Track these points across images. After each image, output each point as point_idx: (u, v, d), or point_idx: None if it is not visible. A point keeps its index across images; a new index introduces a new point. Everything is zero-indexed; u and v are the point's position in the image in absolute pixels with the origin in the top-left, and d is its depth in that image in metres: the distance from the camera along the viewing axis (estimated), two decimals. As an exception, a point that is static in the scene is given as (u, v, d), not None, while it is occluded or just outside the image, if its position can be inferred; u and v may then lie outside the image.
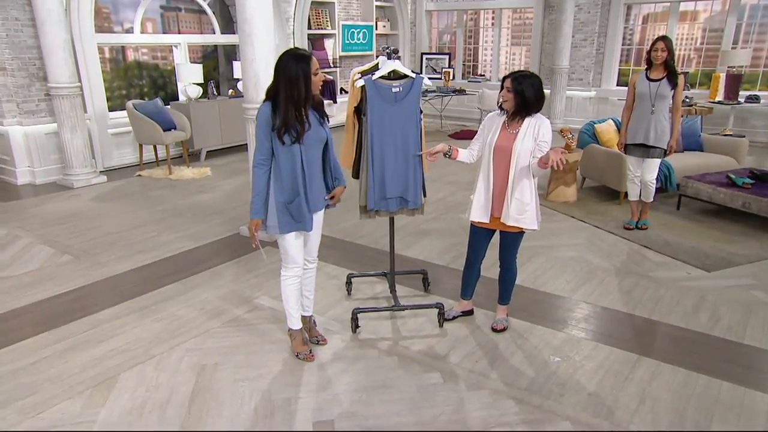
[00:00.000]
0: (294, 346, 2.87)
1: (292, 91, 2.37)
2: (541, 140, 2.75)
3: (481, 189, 2.90)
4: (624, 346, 2.96)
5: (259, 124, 2.46)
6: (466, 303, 3.30)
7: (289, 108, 2.39)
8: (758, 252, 4.20)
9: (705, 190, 4.96)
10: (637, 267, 4.00)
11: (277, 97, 2.41)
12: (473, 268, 3.16)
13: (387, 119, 2.80)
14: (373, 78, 2.78)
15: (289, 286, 2.76)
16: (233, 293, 3.57)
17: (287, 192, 2.55)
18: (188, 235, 4.62)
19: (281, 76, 2.39)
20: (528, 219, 2.85)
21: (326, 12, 9.79)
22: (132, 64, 8.63)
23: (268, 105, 2.45)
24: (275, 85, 2.42)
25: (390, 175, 2.88)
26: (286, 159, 2.49)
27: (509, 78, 2.73)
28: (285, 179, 2.53)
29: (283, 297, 2.80)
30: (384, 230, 4.62)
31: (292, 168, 2.51)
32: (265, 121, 2.44)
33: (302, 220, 2.59)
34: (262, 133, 2.46)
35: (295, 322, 2.84)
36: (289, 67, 2.38)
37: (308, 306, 2.99)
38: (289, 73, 2.37)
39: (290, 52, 2.43)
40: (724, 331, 3.10)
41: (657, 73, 4.34)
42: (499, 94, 2.80)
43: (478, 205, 2.90)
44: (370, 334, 3.10)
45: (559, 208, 5.35)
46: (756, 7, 8.53)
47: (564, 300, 3.50)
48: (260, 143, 2.47)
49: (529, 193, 2.82)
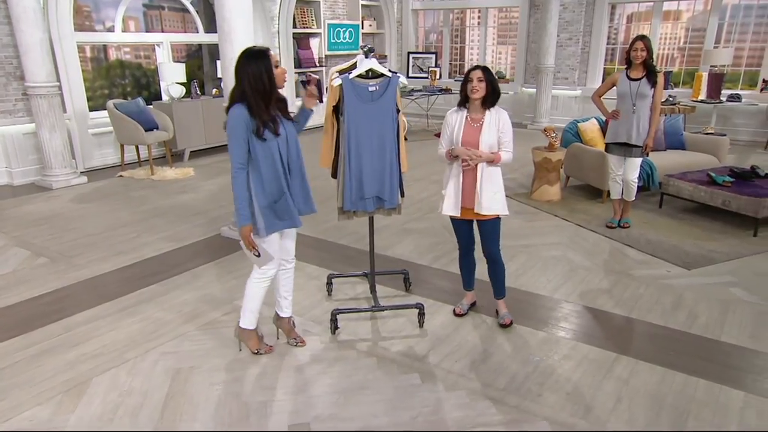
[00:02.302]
0: (251, 345, 2.85)
1: (259, 87, 2.38)
2: (503, 130, 2.91)
3: (452, 184, 2.97)
4: (603, 345, 2.96)
5: (235, 129, 2.42)
6: (471, 294, 3.35)
7: (260, 104, 2.40)
8: (737, 249, 4.23)
9: (686, 188, 5.00)
10: (618, 265, 4.01)
11: (246, 97, 2.39)
12: (468, 257, 3.25)
13: (363, 118, 2.78)
14: (350, 77, 2.75)
15: (261, 288, 2.74)
16: (212, 295, 3.52)
17: (270, 192, 2.54)
18: (169, 236, 4.57)
19: (245, 76, 2.39)
20: (499, 205, 2.97)
21: (311, 11, 9.74)
22: (114, 63, 8.52)
23: (242, 107, 2.42)
24: (241, 87, 2.40)
25: (367, 175, 2.86)
26: (266, 156, 2.47)
27: (478, 69, 2.85)
28: (267, 179, 2.52)
29: (248, 297, 2.77)
30: (367, 230, 4.60)
31: (273, 165, 2.50)
32: (243, 124, 2.41)
33: (290, 217, 2.60)
34: (239, 137, 2.42)
35: (253, 321, 2.83)
36: (251, 66, 2.39)
37: (287, 307, 2.97)
38: (252, 71, 2.37)
39: (247, 52, 2.44)
40: (701, 329, 3.12)
41: (637, 72, 4.36)
42: (468, 87, 2.85)
43: (448, 200, 2.99)
44: (350, 335, 3.08)
45: (542, 207, 5.36)
46: (737, 7, 8.62)
47: (544, 299, 3.50)
48: (238, 148, 2.43)
49: (497, 182, 2.96)
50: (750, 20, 8.56)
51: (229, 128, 2.43)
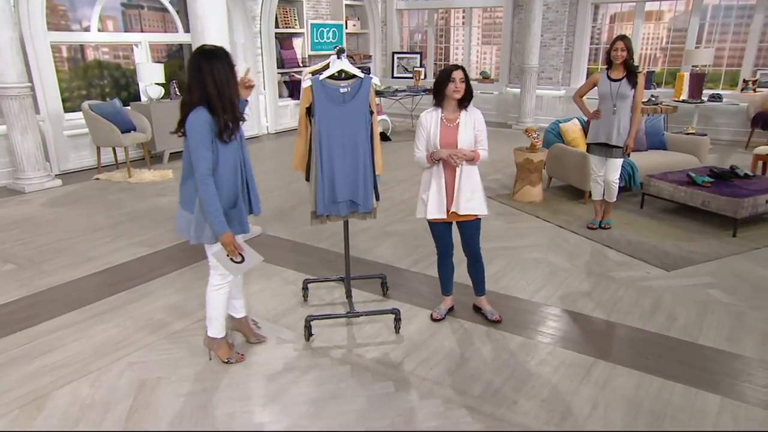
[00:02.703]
0: (222, 354, 2.77)
1: (224, 87, 2.30)
2: (479, 129, 2.94)
3: (434, 187, 2.95)
4: (581, 349, 2.93)
5: (198, 133, 2.31)
6: (449, 299, 3.31)
7: (226, 105, 2.32)
8: (717, 250, 4.23)
9: (666, 188, 5.00)
10: (598, 267, 3.99)
11: (208, 99, 2.30)
12: (446, 261, 3.21)
13: (335, 120, 2.71)
14: (321, 78, 2.68)
15: (223, 294, 2.68)
16: (183, 302, 3.43)
17: (227, 198, 2.47)
18: (143, 241, 4.46)
19: (207, 76, 2.29)
20: (478, 205, 2.98)
21: (294, 11, 9.64)
22: (92, 63, 8.36)
23: (204, 111, 2.32)
24: (204, 89, 2.29)
25: (339, 178, 2.79)
26: (226, 159, 2.40)
27: (460, 70, 2.84)
28: (225, 183, 2.44)
29: (212, 305, 2.69)
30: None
31: (234, 167, 2.44)
32: (207, 128, 2.32)
33: (241, 223, 2.54)
34: (206, 141, 2.33)
35: (221, 329, 2.76)
36: (215, 66, 2.30)
37: (241, 307, 2.95)
38: (218, 72, 2.29)
39: (204, 52, 2.34)
40: (679, 332, 3.09)
41: (617, 72, 4.34)
42: (449, 87, 2.81)
43: (433, 203, 2.96)
44: (325, 342, 3.01)
45: (524, 208, 5.33)
46: (717, 8, 8.69)
47: (523, 302, 3.46)
48: (203, 153, 2.33)
49: (475, 181, 2.97)
50: (730, 20, 8.63)
51: (194, 133, 2.32)
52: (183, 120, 2.37)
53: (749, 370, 2.75)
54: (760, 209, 4.51)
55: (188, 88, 2.34)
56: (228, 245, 2.43)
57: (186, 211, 2.51)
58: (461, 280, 3.41)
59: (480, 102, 10.70)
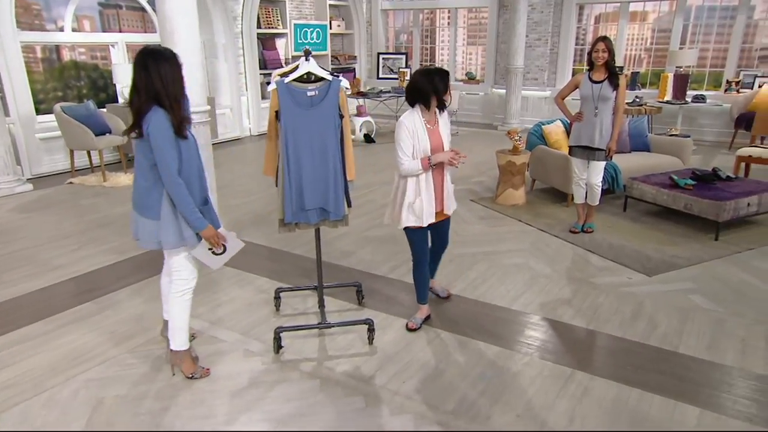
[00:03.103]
0: (186, 369, 2.66)
1: (170, 86, 2.30)
2: (450, 129, 3.03)
3: (425, 193, 2.87)
4: (558, 360, 2.84)
5: (165, 131, 2.29)
6: (425, 308, 3.21)
7: (181, 101, 2.36)
8: (699, 254, 4.17)
9: (649, 191, 4.94)
10: (579, 273, 3.91)
11: (157, 97, 2.28)
12: (423, 267, 3.14)
13: (302, 124, 2.60)
14: (286, 81, 2.57)
15: (187, 300, 2.61)
16: (150, 313, 3.30)
17: (198, 195, 2.46)
18: (113, 248, 4.31)
19: (154, 74, 2.27)
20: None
21: (277, 11, 9.50)
22: (69, 64, 8.16)
23: (161, 110, 2.28)
24: (151, 86, 2.27)
25: (308, 185, 2.68)
26: (191, 157, 2.41)
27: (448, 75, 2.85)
28: (194, 181, 2.43)
29: (176, 314, 2.60)
30: (323, 239, 4.42)
31: (197, 166, 2.45)
32: (169, 127, 2.30)
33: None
34: (170, 140, 2.31)
35: (186, 342, 2.65)
36: (160, 66, 2.30)
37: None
38: (161, 70, 2.29)
39: (150, 52, 2.31)
40: (659, 340, 3.02)
41: (599, 74, 4.27)
42: (446, 96, 2.83)
43: (427, 209, 2.89)
44: (294, 355, 2.90)
45: (507, 211, 5.25)
46: (701, 8, 8.69)
47: (502, 311, 3.37)
48: (171, 153, 2.31)
49: (449, 179, 3.05)
50: (713, 21, 8.63)
51: (161, 132, 2.27)
52: (137, 122, 2.31)
53: (729, 380, 2.68)
54: (741, 212, 4.47)
55: (135, 88, 2.31)
56: (212, 238, 2.45)
57: (150, 220, 2.42)
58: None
59: (466, 103, 10.65)
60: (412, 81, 2.80)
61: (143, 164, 2.37)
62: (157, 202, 2.39)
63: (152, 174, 2.36)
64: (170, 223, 2.39)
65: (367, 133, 8.82)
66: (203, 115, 4.04)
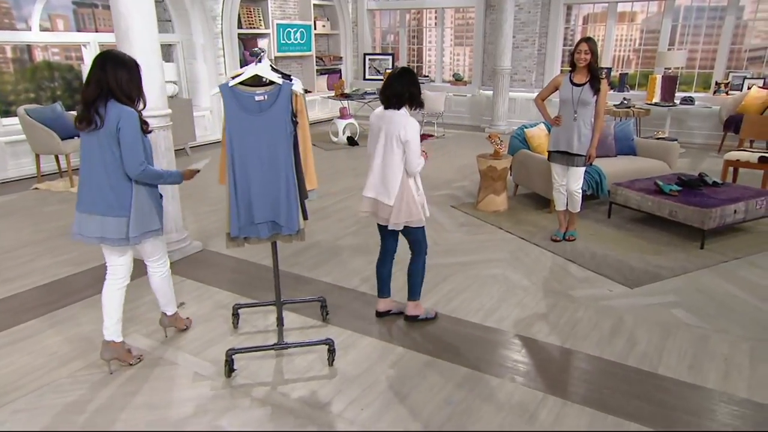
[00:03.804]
0: (125, 358, 2.77)
1: (131, 86, 2.46)
2: None
3: (421, 188, 3.06)
4: (530, 383, 2.66)
5: (135, 127, 2.44)
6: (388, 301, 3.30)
7: (135, 100, 2.51)
8: (683, 264, 4.00)
9: (634, 197, 4.77)
10: (558, 285, 3.73)
11: (116, 95, 2.42)
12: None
13: (249, 132, 2.40)
14: (230, 84, 2.37)
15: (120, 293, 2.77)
16: (97, 333, 3.05)
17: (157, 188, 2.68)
18: (70, 259, 4.09)
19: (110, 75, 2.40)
20: None
21: (259, 10, 9.28)
22: (42, 64, 7.93)
23: (125, 106, 2.45)
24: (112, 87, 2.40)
25: (257, 197, 2.48)
26: (149, 152, 2.58)
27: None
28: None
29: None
30: (292, 249, 4.23)
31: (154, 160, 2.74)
32: (138, 121, 2.47)
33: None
34: (139, 135, 2.48)
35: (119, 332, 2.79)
36: (117, 71, 2.43)
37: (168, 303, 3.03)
38: (118, 74, 2.42)
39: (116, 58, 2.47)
40: (638, 359, 2.84)
41: (580, 77, 4.10)
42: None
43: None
44: (247, 379, 2.69)
45: (487, 218, 5.07)
46: (690, 9, 8.55)
47: (474, 327, 3.18)
48: (140, 146, 2.47)
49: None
50: (702, 22, 8.50)
51: (134, 123, 2.43)
52: (86, 112, 2.39)
53: (711, 404, 2.50)
54: (728, 219, 4.30)
55: (88, 81, 2.42)
56: (191, 175, 2.76)
57: (117, 218, 2.50)
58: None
59: (453, 105, 10.47)
60: (416, 86, 2.89)
61: (107, 160, 2.43)
62: (127, 199, 2.48)
63: (118, 171, 2.44)
64: (143, 214, 2.53)
65: (350, 136, 8.62)
66: (165, 119, 3.84)
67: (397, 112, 2.86)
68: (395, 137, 2.83)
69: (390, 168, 2.88)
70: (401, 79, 2.85)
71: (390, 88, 2.86)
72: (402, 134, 2.81)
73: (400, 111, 2.87)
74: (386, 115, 2.89)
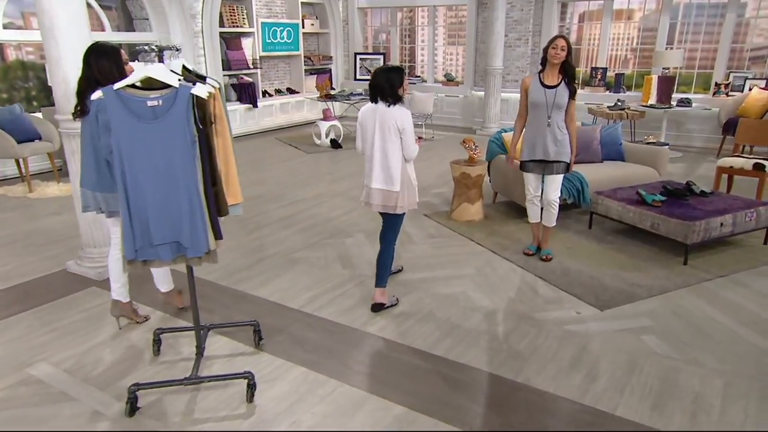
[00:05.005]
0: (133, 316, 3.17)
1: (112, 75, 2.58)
2: None
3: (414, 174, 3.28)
4: (465, 425, 2.34)
5: None
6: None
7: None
8: (663, 282, 3.66)
9: (615, 208, 4.43)
10: (522, 306, 3.41)
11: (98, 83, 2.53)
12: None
13: (140, 141, 2.11)
14: (115, 87, 2.08)
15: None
16: (6, 357, 2.82)
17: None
18: (3, 273, 3.84)
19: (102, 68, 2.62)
20: None
21: (242, 8, 9.02)
22: (14, 63, 7.74)
23: None
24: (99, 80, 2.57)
25: (154, 215, 2.19)
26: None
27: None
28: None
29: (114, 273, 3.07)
30: (242, 263, 3.95)
31: None
32: None
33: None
34: None
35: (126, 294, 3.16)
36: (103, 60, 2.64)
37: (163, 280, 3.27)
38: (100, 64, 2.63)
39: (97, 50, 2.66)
40: (596, 398, 2.52)
41: (552, 78, 3.76)
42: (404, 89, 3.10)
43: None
44: (153, 417, 2.41)
45: (460, 228, 4.75)
46: (689, 6, 8.16)
47: (418, 356, 2.87)
48: None
49: None
50: (702, 20, 8.10)
51: None
52: (82, 104, 2.64)
53: (671, 457, 2.18)
54: (714, 233, 3.95)
55: (82, 76, 2.69)
56: None
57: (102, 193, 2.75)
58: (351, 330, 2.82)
59: (445, 105, 10.15)
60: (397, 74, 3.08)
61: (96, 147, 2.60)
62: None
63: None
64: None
65: (334, 138, 8.33)
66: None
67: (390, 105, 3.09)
68: (392, 127, 3.05)
69: (390, 157, 3.10)
70: (383, 74, 3.08)
71: (373, 79, 3.11)
72: (399, 123, 3.06)
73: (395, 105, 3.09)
74: (379, 108, 3.09)
